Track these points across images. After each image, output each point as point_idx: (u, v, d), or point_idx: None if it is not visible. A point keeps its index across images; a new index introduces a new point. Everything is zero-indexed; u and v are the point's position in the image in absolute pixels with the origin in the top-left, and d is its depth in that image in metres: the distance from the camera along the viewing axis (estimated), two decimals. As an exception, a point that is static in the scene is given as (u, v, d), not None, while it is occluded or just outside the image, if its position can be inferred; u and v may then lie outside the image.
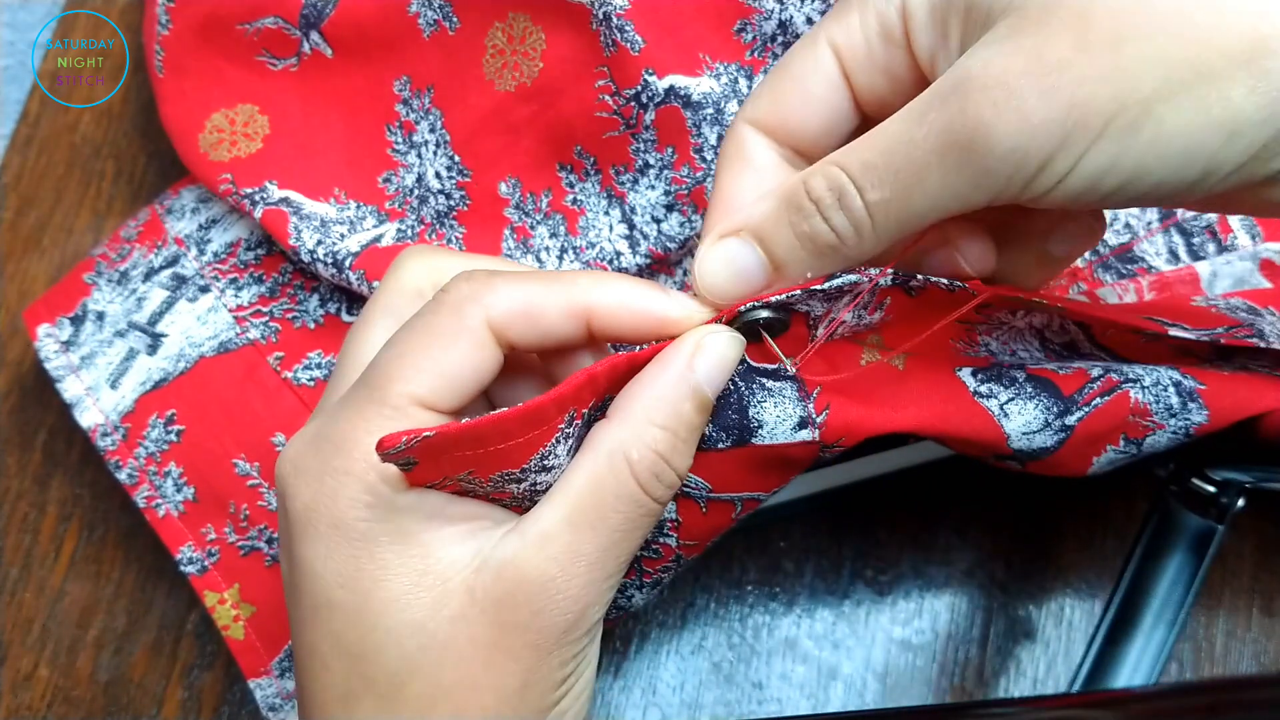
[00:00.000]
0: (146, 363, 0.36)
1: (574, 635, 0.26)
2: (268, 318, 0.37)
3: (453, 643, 0.26)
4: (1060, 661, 0.37)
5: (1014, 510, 0.38)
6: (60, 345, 0.37)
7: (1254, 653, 0.37)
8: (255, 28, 0.36)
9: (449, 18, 0.35)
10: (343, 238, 0.35)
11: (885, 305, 0.28)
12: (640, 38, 0.32)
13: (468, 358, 0.26)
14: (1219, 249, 0.33)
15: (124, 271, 0.37)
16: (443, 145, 0.35)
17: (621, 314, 0.26)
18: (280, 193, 0.36)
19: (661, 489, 0.26)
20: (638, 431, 0.25)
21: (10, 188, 0.42)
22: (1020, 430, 0.28)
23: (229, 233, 0.37)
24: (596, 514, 0.25)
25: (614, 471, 0.25)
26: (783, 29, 0.33)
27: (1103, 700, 0.33)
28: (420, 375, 0.25)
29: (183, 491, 0.36)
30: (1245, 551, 0.37)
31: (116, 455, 0.36)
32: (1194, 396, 0.29)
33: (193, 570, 0.36)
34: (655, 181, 0.33)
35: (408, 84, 0.36)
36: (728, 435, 0.27)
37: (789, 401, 0.27)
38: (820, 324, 0.28)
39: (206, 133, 0.37)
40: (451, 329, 0.26)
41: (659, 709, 0.37)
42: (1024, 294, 0.28)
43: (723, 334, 0.26)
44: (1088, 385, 0.28)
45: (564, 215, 0.34)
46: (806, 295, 0.26)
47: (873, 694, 0.37)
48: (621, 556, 0.26)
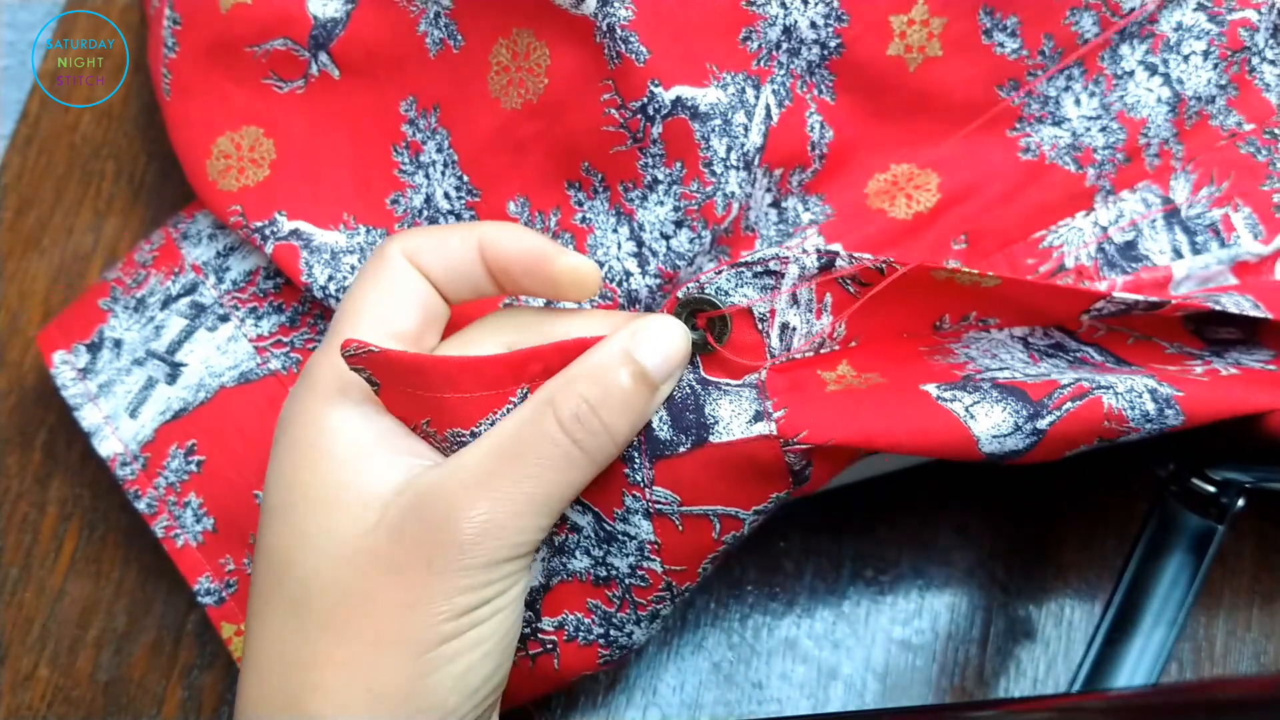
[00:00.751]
0: (166, 392, 0.36)
1: (470, 561, 0.26)
2: (288, 348, 0.36)
3: (357, 555, 0.27)
4: (1060, 661, 0.37)
5: (1014, 510, 0.38)
6: (77, 373, 0.37)
7: (1254, 653, 0.37)
8: (264, 50, 0.36)
9: (454, 36, 0.34)
10: (353, 269, 0.35)
11: (829, 306, 0.29)
12: (645, 49, 0.31)
13: (396, 280, 0.29)
14: (1222, 248, 0.33)
15: (141, 298, 0.37)
16: (451, 165, 0.35)
17: (505, 239, 0.29)
18: (290, 225, 0.36)
19: (583, 433, 0.27)
20: (567, 381, 0.27)
21: (10, 188, 0.42)
22: (990, 433, 0.28)
23: (247, 261, 0.37)
24: (514, 448, 0.27)
25: (537, 413, 0.27)
26: (787, 35, 0.33)
27: (1103, 700, 0.33)
28: (367, 302, 0.29)
29: (202, 522, 0.36)
30: (1245, 551, 0.37)
31: (136, 485, 0.36)
32: (1170, 403, 0.29)
33: (210, 601, 0.35)
34: (664, 197, 0.32)
35: (414, 104, 0.36)
36: (686, 437, 0.28)
37: (745, 400, 0.28)
38: (769, 326, 0.28)
39: (214, 159, 0.36)
40: (377, 263, 0.30)
41: (659, 709, 0.37)
42: (954, 269, 0.29)
43: (664, 319, 0.28)
44: (1057, 391, 0.28)
45: (573, 234, 0.34)
46: (736, 276, 0.28)
47: (873, 694, 0.37)
48: (536, 496, 0.27)
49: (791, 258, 0.28)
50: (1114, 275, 0.34)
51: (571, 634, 0.31)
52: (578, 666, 0.31)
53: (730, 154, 0.32)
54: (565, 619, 0.31)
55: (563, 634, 0.31)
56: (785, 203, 0.34)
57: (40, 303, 0.41)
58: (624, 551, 0.30)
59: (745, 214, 0.34)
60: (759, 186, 0.33)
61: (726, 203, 0.32)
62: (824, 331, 0.29)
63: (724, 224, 0.32)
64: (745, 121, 0.32)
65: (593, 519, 0.30)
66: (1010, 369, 0.30)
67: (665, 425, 0.29)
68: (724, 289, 0.29)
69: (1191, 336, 0.33)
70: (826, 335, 0.29)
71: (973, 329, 0.31)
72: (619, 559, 0.30)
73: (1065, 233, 0.34)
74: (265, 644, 0.28)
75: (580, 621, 0.31)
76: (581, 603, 0.30)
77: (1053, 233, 0.34)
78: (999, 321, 0.31)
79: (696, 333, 0.29)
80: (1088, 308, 0.31)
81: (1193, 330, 0.33)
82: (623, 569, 0.30)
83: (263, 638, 0.28)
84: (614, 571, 0.30)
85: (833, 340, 0.30)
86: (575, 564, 0.30)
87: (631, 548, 0.30)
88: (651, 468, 0.29)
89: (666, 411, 0.29)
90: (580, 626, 0.31)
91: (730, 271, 0.28)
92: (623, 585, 0.30)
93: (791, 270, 0.28)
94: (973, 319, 0.31)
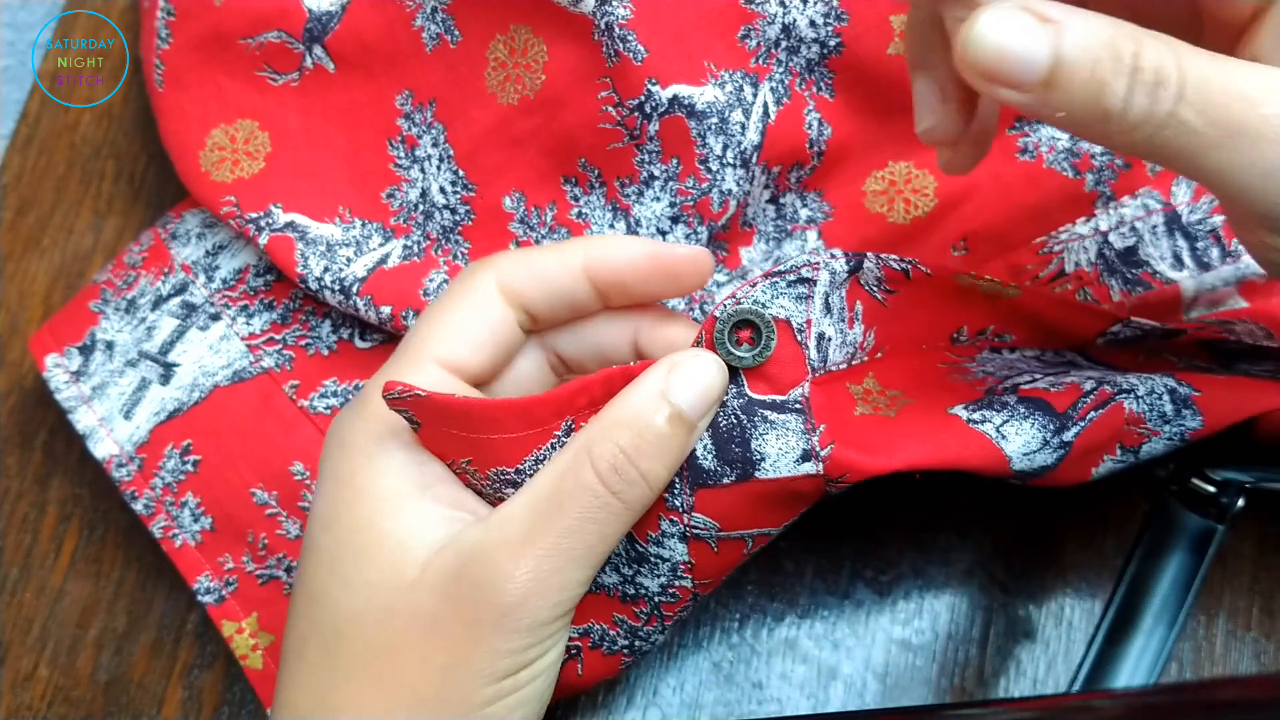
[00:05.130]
0: (160, 393, 0.36)
1: (513, 625, 0.26)
2: (281, 345, 0.36)
3: (396, 606, 0.26)
4: (1060, 661, 0.37)
5: (1014, 510, 0.38)
6: (70, 375, 0.37)
7: (1254, 653, 0.37)
8: (258, 42, 0.36)
9: (450, 31, 0.34)
10: (349, 261, 0.35)
11: (860, 315, 0.29)
12: (643, 47, 0.31)
13: (478, 313, 0.29)
14: (1223, 254, 0.33)
15: (131, 299, 0.37)
16: (446, 160, 0.35)
17: (612, 252, 0.29)
18: (285, 217, 0.35)
19: (621, 484, 0.26)
20: (604, 429, 0.26)
21: (10, 188, 0.42)
22: (1020, 451, 0.28)
23: (237, 259, 0.37)
24: (554, 502, 0.26)
25: (575, 462, 0.26)
26: (786, 33, 0.33)
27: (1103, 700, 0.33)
28: (436, 331, 0.29)
29: (200, 521, 0.36)
30: (1245, 551, 0.37)
31: (132, 486, 0.36)
32: (1188, 403, 0.29)
33: (210, 600, 0.35)
34: (660, 193, 0.33)
35: (410, 98, 0.36)
36: (732, 469, 0.27)
37: (792, 434, 0.27)
38: (807, 337, 0.28)
39: (208, 150, 0.36)
40: (463, 291, 0.29)
41: (659, 709, 0.37)
42: (978, 274, 0.28)
43: (700, 355, 0.27)
44: (1081, 400, 0.28)
45: (569, 229, 0.34)
46: (771, 287, 0.27)
47: (873, 694, 0.37)
48: (576, 550, 0.26)
49: (821, 263, 0.28)
50: (1114, 281, 0.34)
51: (596, 643, 0.30)
52: (601, 673, 0.31)
53: (727, 152, 0.32)
54: (591, 628, 0.30)
55: (588, 641, 0.30)
56: (783, 199, 0.34)
57: (40, 303, 0.41)
58: (655, 573, 0.29)
59: (743, 210, 0.34)
60: (757, 183, 0.33)
61: (723, 199, 0.32)
62: (856, 342, 0.29)
63: (720, 221, 0.32)
64: (742, 119, 0.32)
65: (625, 540, 0.29)
66: (1030, 372, 0.30)
67: (710, 455, 0.28)
68: (761, 300, 0.28)
69: (1200, 350, 0.33)
70: (858, 345, 0.29)
71: (988, 344, 0.31)
72: (649, 579, 0.29)
73: (1065, 238, 0.34)
74: (299, 680, 0.28)
75: (605, 632, 0.30)
76: (608, 615, 0.30)
77: (1052, 238, 0.34)
78: (1014, 339, 0.31)
79: (742, 348, 0.28)
80: (1104, 330, 0.31)
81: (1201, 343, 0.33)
82: (653, 589, 0.29)
83: (298, 671, 0.28)
84: (643, 590, 0.29)
85: (863, 350, 0.29)
86: (604, 579, 0.29)
87: (664, 569, 0.29)
88: (692, 494, 0.28)
89: (711, 440, 0.28)
90: (605, 637, 0.30)
91: (766, 283, 0.27)
92: (651, 603, 0.29)
93: (823, 277, 0.28)
94: (989, 333, 0.31)
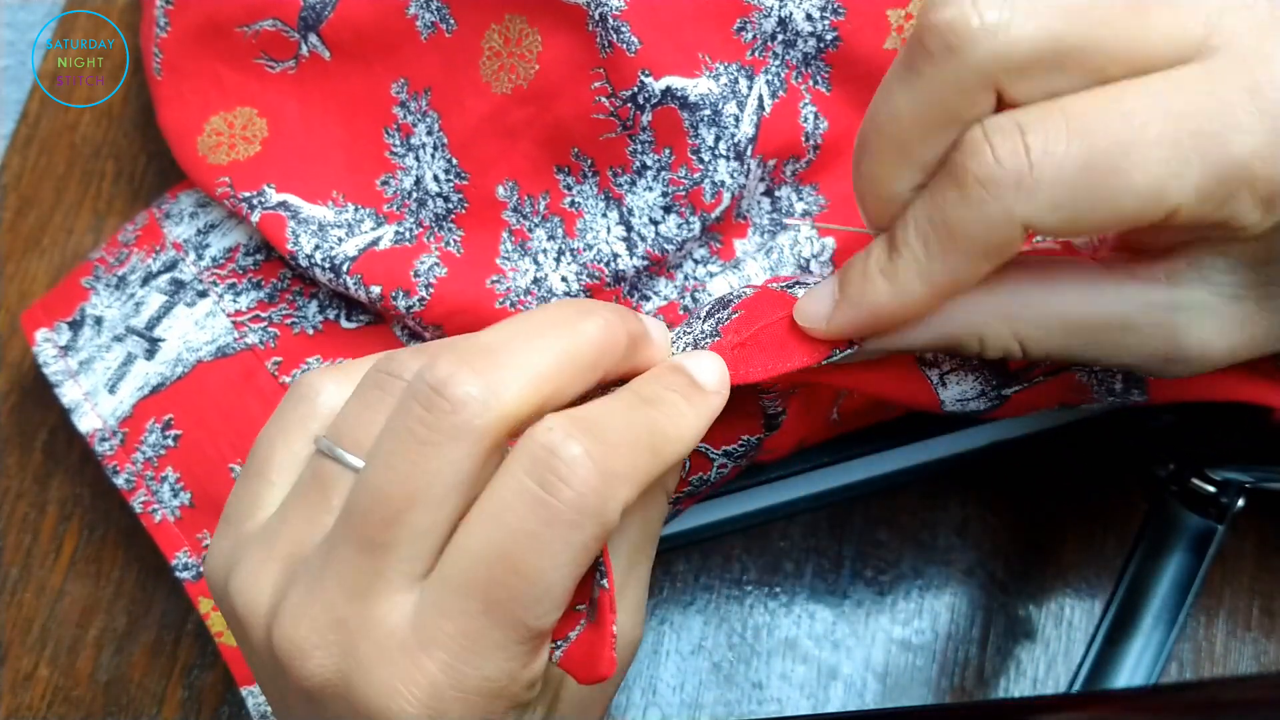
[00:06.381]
0: (144, 367, 0.36)
1: None
2: (266, 323, 0.36)
3: None
4: (1060, 661, 0.37)
5: (1014, 510, 0.38)
6: (58, 350, 0.37)
7: (1254, 653, 0.37)
8: (254, 30, 0.36)
9: (446, 20, 0.35)
10: (340, 241, 0.35)
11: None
12: (637, 38, 0.31)
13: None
14: None
15: (122, 276, 0.37)
16: (440, 148, 0.35)
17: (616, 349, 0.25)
18: (278, 196, 0.36)
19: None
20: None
21: (10, 188, 0.42)
22: (955, 397, 0.29)
23: (228, 238, 0.37)
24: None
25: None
26: (782, 26, 0.33)
27: (1103, 700, 0.33)
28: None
29: (179, 497, 0.36)
30: (1245, 551, 0.37)
31: (114, 460, 0.36)
32: (1140, 383, 0.29)
33: (188, 576, 0.35)
34: (653, 183, 0.33)
35: (405, 86, 0.36)
36: None
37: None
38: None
39: (205, 135, 0.37)
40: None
41: (659, 709, 0.37)
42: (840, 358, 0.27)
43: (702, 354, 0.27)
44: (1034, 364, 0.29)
45: (562, 218, 0.34)
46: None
47: (873, 694, 0.37)
48: None
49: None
50: None
51: None
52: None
53: (719, 143, 0.32)
54: None
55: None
56: (779, 192, 0.34)
57: (40, 303, 0.41)
58: None
59: (738, 203, 0.34)
60: (753, 176, 0.33)
61: (716, 191, 0.32)
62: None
63: (714, 212, 0.32)
64: (736, 112, 0.32)
65: None
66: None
67: None
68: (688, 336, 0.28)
69: None
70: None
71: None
72: None
73: None
74: None
75: None
76: None
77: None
78: None
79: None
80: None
81: None
82: None
83: None
84: None
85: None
86: None
87: None
88: None
89: None
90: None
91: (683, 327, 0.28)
92: None
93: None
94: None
